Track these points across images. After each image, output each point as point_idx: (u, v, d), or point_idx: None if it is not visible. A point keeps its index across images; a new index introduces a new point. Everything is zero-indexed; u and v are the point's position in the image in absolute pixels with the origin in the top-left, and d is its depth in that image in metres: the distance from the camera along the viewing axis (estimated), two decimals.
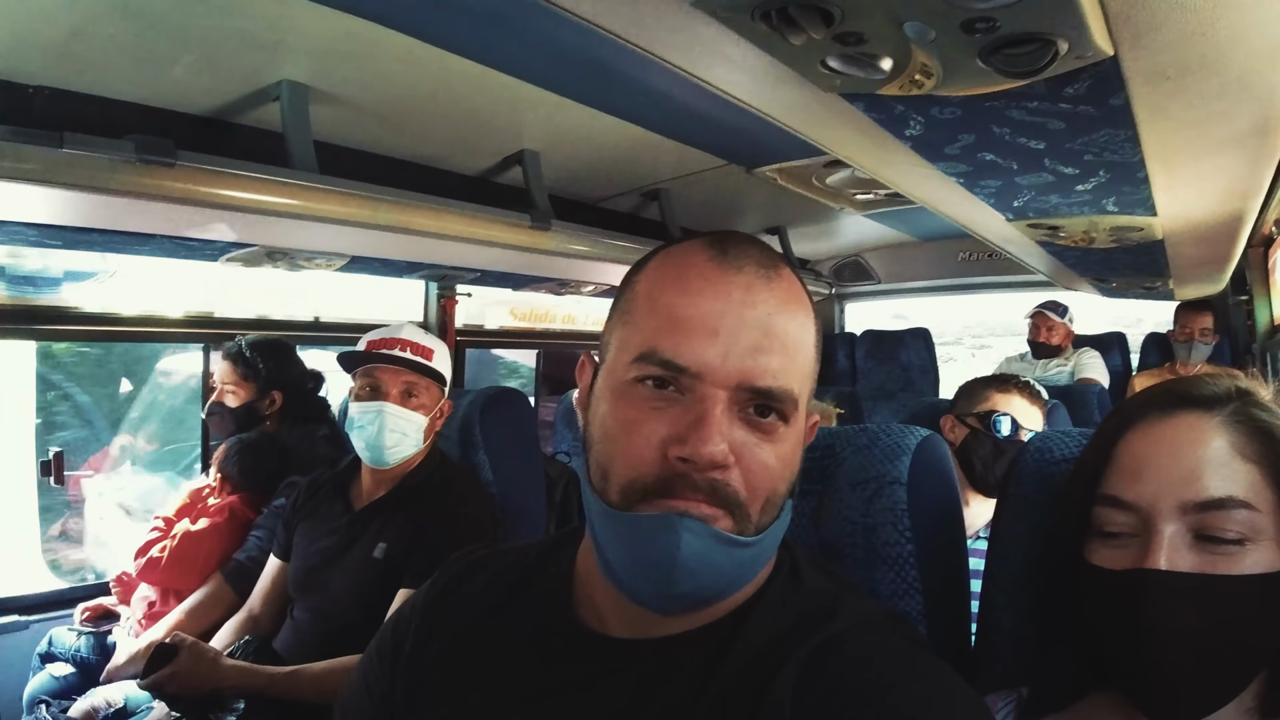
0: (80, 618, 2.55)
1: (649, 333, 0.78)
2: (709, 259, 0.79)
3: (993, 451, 2.03)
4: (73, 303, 2.80)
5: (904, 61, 1.03)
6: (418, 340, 2.06)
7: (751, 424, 0.77)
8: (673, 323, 0.76)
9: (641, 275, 0.84)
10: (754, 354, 0.75)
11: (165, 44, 1.85)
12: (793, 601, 0.83)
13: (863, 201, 3.78)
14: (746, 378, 0.75)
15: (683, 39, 1.11)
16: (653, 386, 0.76)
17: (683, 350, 0.75)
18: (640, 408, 0.77)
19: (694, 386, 0.75)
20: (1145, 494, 0.79)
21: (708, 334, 0.75)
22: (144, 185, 1.82)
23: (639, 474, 0.75)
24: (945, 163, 1.62)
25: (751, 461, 0.76)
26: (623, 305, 0.84)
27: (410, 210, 2.36)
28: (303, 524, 2.11)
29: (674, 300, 0.78)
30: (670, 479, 0.74)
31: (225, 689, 1.76)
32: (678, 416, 0.75)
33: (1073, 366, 4.45)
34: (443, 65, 2.05)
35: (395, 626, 0.99)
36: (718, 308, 0.76)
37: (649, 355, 0.76)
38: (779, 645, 0.78)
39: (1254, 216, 2.23)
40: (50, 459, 2.94)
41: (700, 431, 0.73)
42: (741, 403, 0.76)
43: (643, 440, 0.76)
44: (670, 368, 0.75)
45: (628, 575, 0.78)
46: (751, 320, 0.76)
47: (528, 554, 0.99)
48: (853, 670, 0.74)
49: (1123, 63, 1.02)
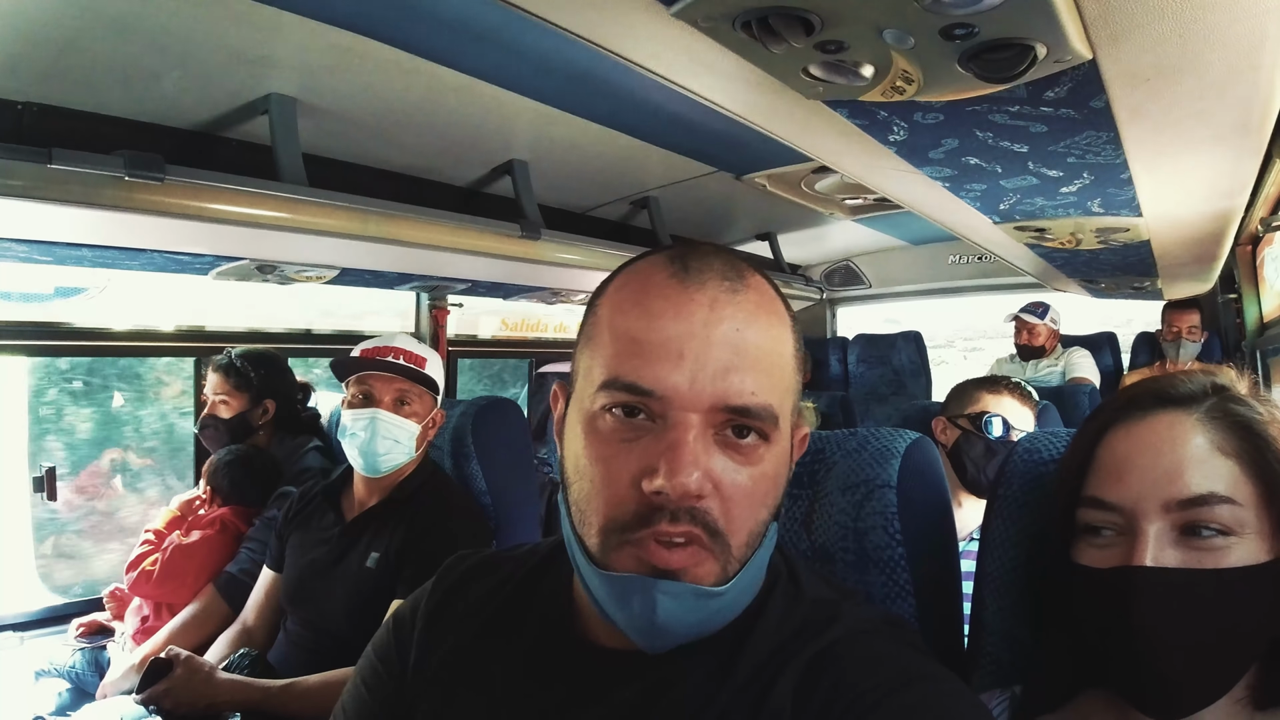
0: (75, 634, 2.54)
1: (612, 359, 0.74)
2: (669, 276, 0.76)
3: (984, 453, 2.04)
4: (63, 317, 2.80)
5: (885, 68, 1.04)
6: (410, 349, 2.06)
7: (730, 446, 0.74)
8: (635, 347, 0.73)
9: (603, 299, 0.80)
10: (725, 374, 0.72)
11: (153, 59, 1.86)
12: (794, 610, 0.82)
13: (852, 207, 3.80)
14: (719, 399, 0.72)
15: (666, 49, 1.12)
16: (622, 415, 0.74)
17: (645, 375, 0.72)
18: (611, 441, 0.74)
19: (664, 413, 0.72)
20: (1128, 494, 0.79)
21: (673, 357, 0.72)
22: (133, 200, 1.83)
23: (616, 513, 0.73)
24: (930, 167, 1.63)
25: (732, 490, 0.73)
26: (588, 330, 0.81)
27: (400, 222, 2.36)
28: (294, 535, 2.10)
29: (635, 324, 0.74)
30: (647, 514, 0.71)
31: (221, 703, 1.76)
32: (649, 447, 0.72)
33: (1063, 366, 4.46)
34: (431, 77, 2.05)
35: (396, 630, 0.97)
36: (681, 329, 0.73)
37: (613, 382, 0.73)
38: (779, 653, 0.77)
39: (1240, 215, 2.24)
40: (43, 474, 2.93)
41: (672, 462, 0.70)
42: (717, 425, 0.73)
43: (615, 477, 0.73)
44: (635, 392, 0.72)
45: (612, 616, 0.76)
46: (719, 339, 0.73)
47: (526, 561, 0.98)
48: (853, 676, 0.74)
49: (1101, 66, 1.03)
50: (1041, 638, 0.96)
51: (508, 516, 2.18)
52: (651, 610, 0.72)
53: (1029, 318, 4.53)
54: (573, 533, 0.78)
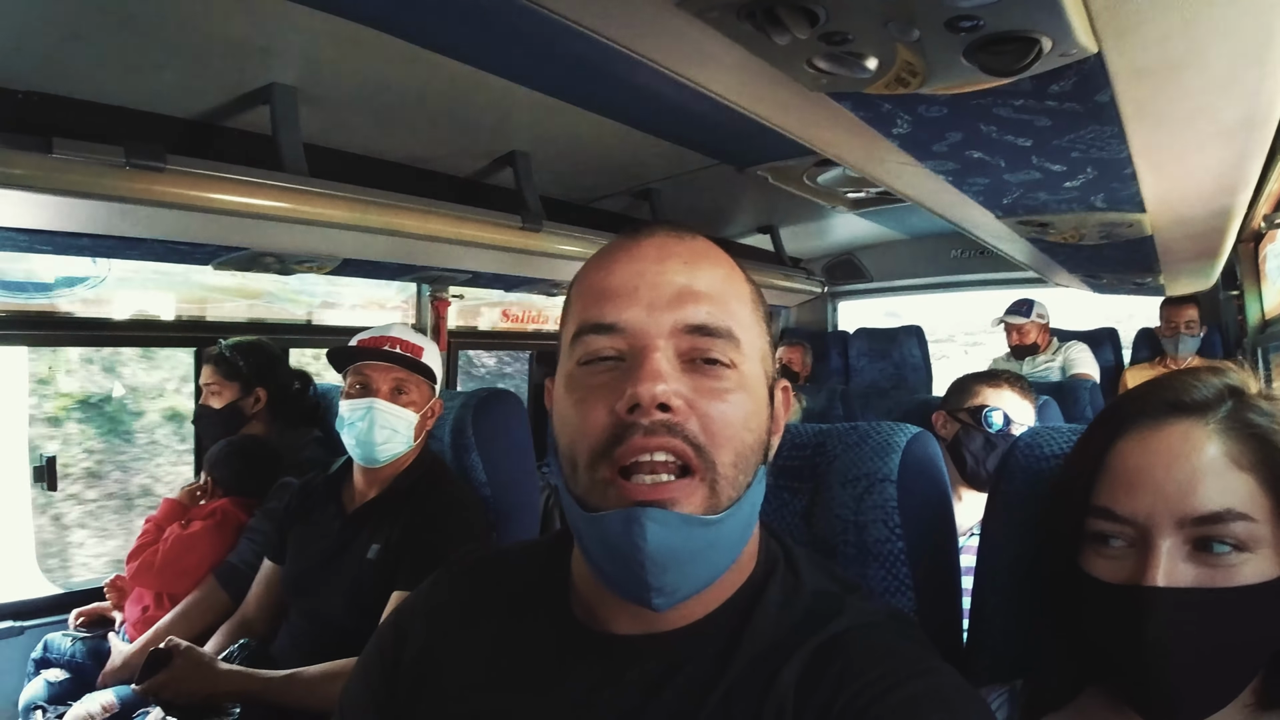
0: (75, 622, 2.55)
1: (579, 313, 0.81)
2: (623, 240, 0.84)
3: (984, 446, 2.04)
4: (65, 307, 2.80)
5: (889, 60, 1.03)
6: (407, 338, 2.06)
7: (698, 372, 0.77)
8: (595, 294, 0.80)
9: (574, 284, 0.88)
10: (679, 299, 0.78)
11: (154, 49, 1.85)
12: (795, 600, 0.83)
13: (854, 200, 3.78)
14: (677, 321, 0.77)
15: (669, 39, 1.11)
16: (597, 362, 0.78)
17: (607, 312, 0.78)
18: (587, 384, 0.78)
19: (630, 344, 0.77)
20: (1141, 508, 0.78)
21: (629, 292, 0.78)
22: (134, 190, 1.82)
23: (595, 443, 0.75)
24: (934, 160, 1.63)
25: (708, 409, 0.76)
26: (564, 315, 0.87)
27: (401, 212, 2.36)
28: (296, 527, 2.10)
29: (594, 280, 0.82)
30: (621, 433, 0.74)
31: (221, 694, 1.76)
32: (621, 379, 0.76)
33: (1062, 361, 4.46)
34: (432, 67, 2.05)
35: (397, 627, 0.97)
36: (634, 268, 0.80)
37: (581, 328, 0.79)
38: (782, 644, 0.78)
39: (1243, 211, 2.24)
40: (44, 464, 2.93)
41: (639, 373, 0.74)
42: (683, 352, 0.77)
43: (593, 411, 0.76)
44: (600, 329, 0.78)
45: (610, 574, 0.78)
46: (669, 270, 0.79)
47: (527, 556, 0.98)
48: (856, 669, 0.74)
49: (1107, 60, 1.02)
50: (1046, 634, 0.95)
51: (508, 508, 2.18)
52: (641, 539, 0.72)
53: (1015, 319, 4.54)
54: (565, 489, 0.80)
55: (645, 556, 0.72)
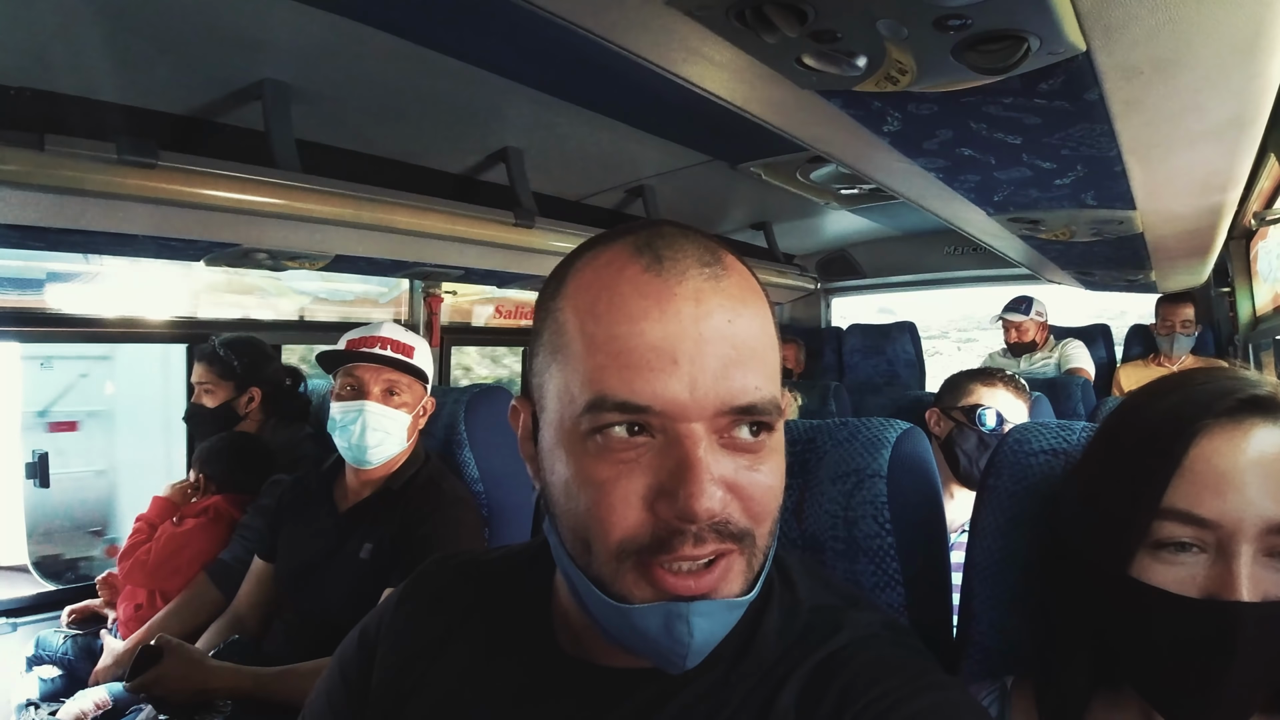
0: (67, 620, 2.55)
1: (594, 373, 0.66)
2: (643, 270, 0.67)
3: (977, 445, 2.04)
4: (56, 304, 2.80)
5: (879, 58, 1.03)
6: (398, 338, 2.04)
7: (738, 449, 0.67)
8: (619, 358, 0.65)
9: (564, 299, 0.71)
10: (725, 374, 0.65)
11: (146, 44, 1.85)
12: (793, 619, 0.79)
13: (847, 196, 3.79)
14: (724, 403, 0.65)
15: (661, 37, 1.11)
16: (616, 433, 0.65)
17: (640, 389, 0.64)
18: (610, 462, 0.66)
19: (666, 426, 0.65)
20: (1229, 512, 0.72)
21: (667, 364, 0.64)
22: (126, 186, 1.82)
23: (629, 537, 0.65)
24: (924, 158, 1.63)
25: (752, 489, 0.67)
26: (549, 338, 0.72)
27: (394, 209, 2.36)
28: (288, 525, 2.10)
29: (614, 330, 0.66)
30: (666, 538, 0.64)
31: (212, 690, 1.76)
32: (656, 465, 0.65)
33: (1058, 358, 4.47)
34: (425, 63, 2.04)
35: (361, 645, 0.92)
36: (670, 330, 0.64)
37: (600, 403, 0.65)
38: (782, 661, 0.75)
39: (1234, 208, 2.25)
40: (36, 460, 2.93)
41: (689, 485, 0.63)
42: (722, 429, 0.66)
43: (622, 500, 0.65)
44: (630, 410, 0.64)
45: (631, 647, 0.70)
46: (711, 334, 0.65)
47: (506, 568, 0.92)
48: (859, 685, 0.71)
49: (1095, 58, 1.03)
50: (1046, 642, 0.91)
51: (501, 505, 2.18)
52: (687, 636, 0.66)
53: (1014, 316, 4.54)
54: (570, 560, 0.71)
55: (688, 649, 0.67)
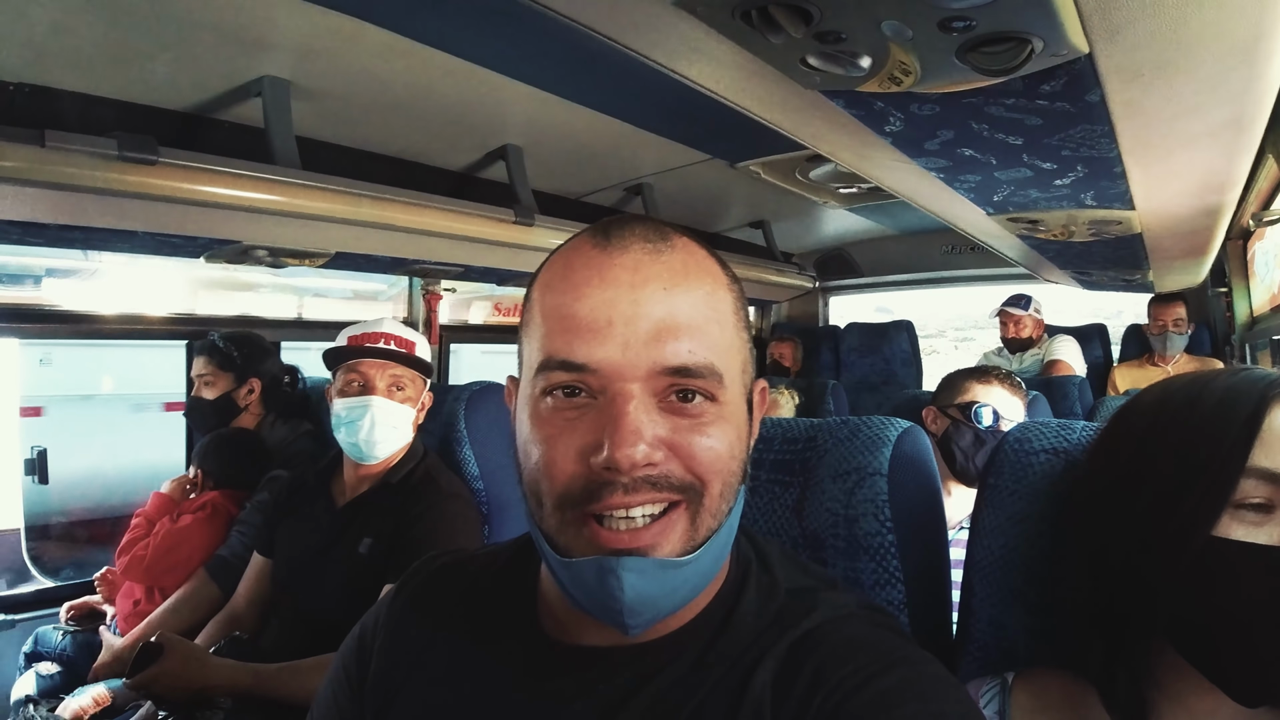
0: (66, 616, 2.55)
1: (545, 339, 0.73)
2: (592, 247, 0.74)
3: (974, 442, 2.05)
4: (55, 300, 2.80)
5: (882, 59, 1.04)
6: (399, 333, 2.04)
7: (677, 412, 0.72)
8: (564, 323, 0.72)
9: (536, 283, 0.79)
10: (657, 337, 0.70)
11: (146, 41, 1.85)
12: (770, 601, 0.81)
13: (846, 195, 3.79)
14: (656, 363, 0.70)
15: (664, 36, 1.12)
16: (562, 396, 0.72)
17: (578, 349, 0.70)
18: (555, 421, 0.72)
19: (603, 387, 0.70)
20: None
21: (601, 327, 0.70)
22: (126, 182, 1.82)
23: (564, 488, 0.71)
24: (925, 158, 1.64)
25: (691, 447, 0.71)
26: (525, 319, 0.79)
27: (393, 206, 2.36)
28: (286, 521, 2.10)
29: (562, 300, 0.73)
30: (596, 488, 0.70)
31: (211, 686, 1.76)
32: (592, 422, 0.70)
33: (1043, 353, 4.47)
34: (425, 60, 2.04)
35: (360, 641, 0.96)
36: (606, 296, 0.71)
37: (547, 363, 0.72)
38: (757, 643, 0.76)
39: (1231, 210, 2.26)
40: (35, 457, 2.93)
41: (615, 434, 0.68)
42: (660, 392, 0.71)
43: (562, 454, 0.71)
44: (570, 368, 0.71)
45: (585, 606, 0.74)
46: (646, 300, 0.71)
47: (493, 562, 0.95)
48: (832, 664, 0.73)
49: (1097, 60, 1.03)
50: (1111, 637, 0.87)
51: (500, 501, 2.18)
52: (619, 590, 0.70)
53: (1014, 310, 4.54)
54: (531, 521, 0.77)
55: (622, 604, 0.70)
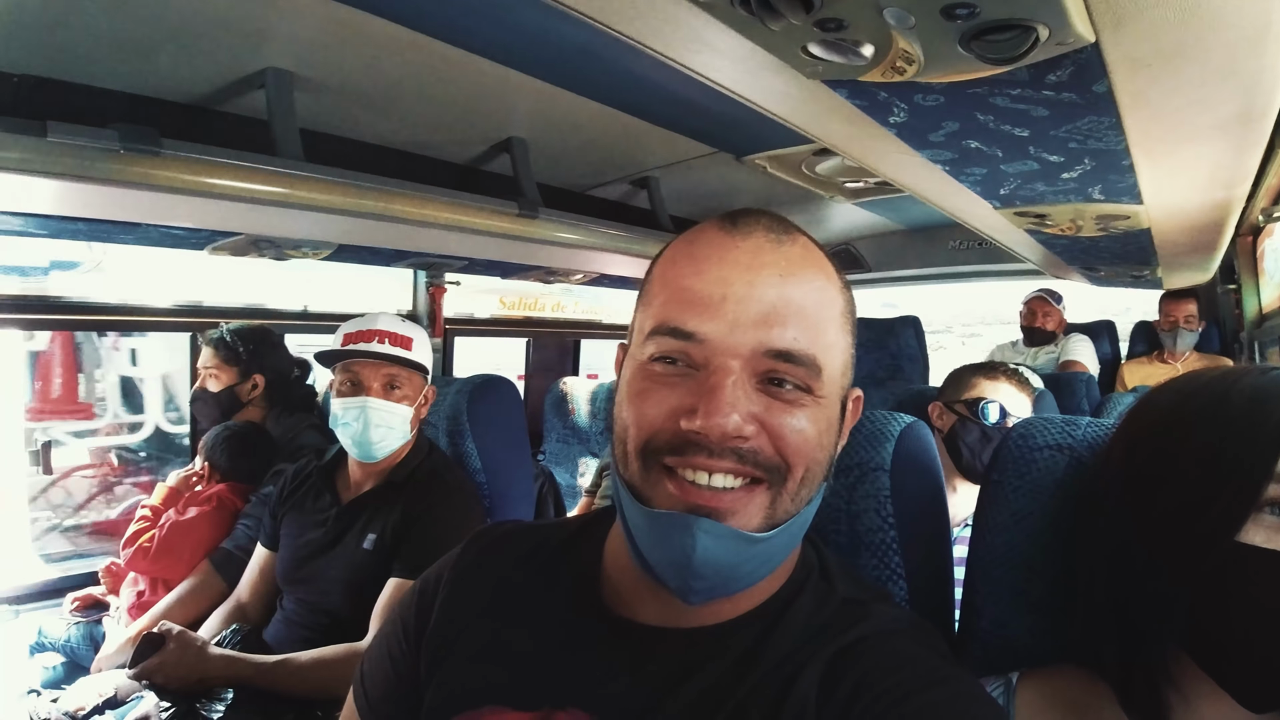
0: (70, 607, 2.55)
1: (660, 308, 0.77)
2: (718, 230, 0.80)
3: (979, 438, 2.04)
4: (59, 291, 2.80)
5: (885, 47, 1.02)
6: (395, 330, 2.04)
7: (772, 395, 0.75)
8: (681, 294, 0.76)
9: (659, 261, 0.84)
10: (765, 320, 0.74)
11: (149, 32, 1.84)
12: (823, 606, 0.83)
13: (853, 190, 3.78)
14: (760, 344, 0.74)
15: (665, 25, 1.11)
16: (667, 364, 0.76)
17: (689, 319, 0.74)
18: (655, 382, 0.76)
19: (706, 360, 0.74)
20: None
21: (715, 302, 0.74)
22: (129, 174, 1.82)
23: (651, 437, 0.75)
24: (930, 150, 1.62)
25: (781, 428, 0.75)
26: (643, 294, 0.84)
27: (397, 198, 2.35)
28: (290, 515, 2.11)
29: (682, 273, 0.78)
30: (681, 444, 0.73)
31: (213, 678, 1.77)
32: (691, 389, 0.74)
33: (1060, 351, 4.45)
34: (429, 52, 2.03)
35: (421, 596, 0.98)
36: (724, 274, 0.75)
37: (659, 328, 0.76)
38: (805, 646, 0.78)
39: (1241, 205, 2.24)
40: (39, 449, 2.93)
41: (710, 403, 0.72)
42: (760, 374, 0.75)
43: (654, 407, 0.75)
44: (679, 335, 0.75)
45: (652, 560, 0.77)
46: (761, 283, 0.75)
47: (558, 533, 0.99)
48: (876, 674, 0.74)
49: (1104, 50, 1.02)
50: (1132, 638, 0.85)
51: (503, 495, 2.19)
52: (690, 549, 0.73)
53: (1050, 300, 4.52)
54: (619, 475, 0.80)
55: (691, 564, 0.73)
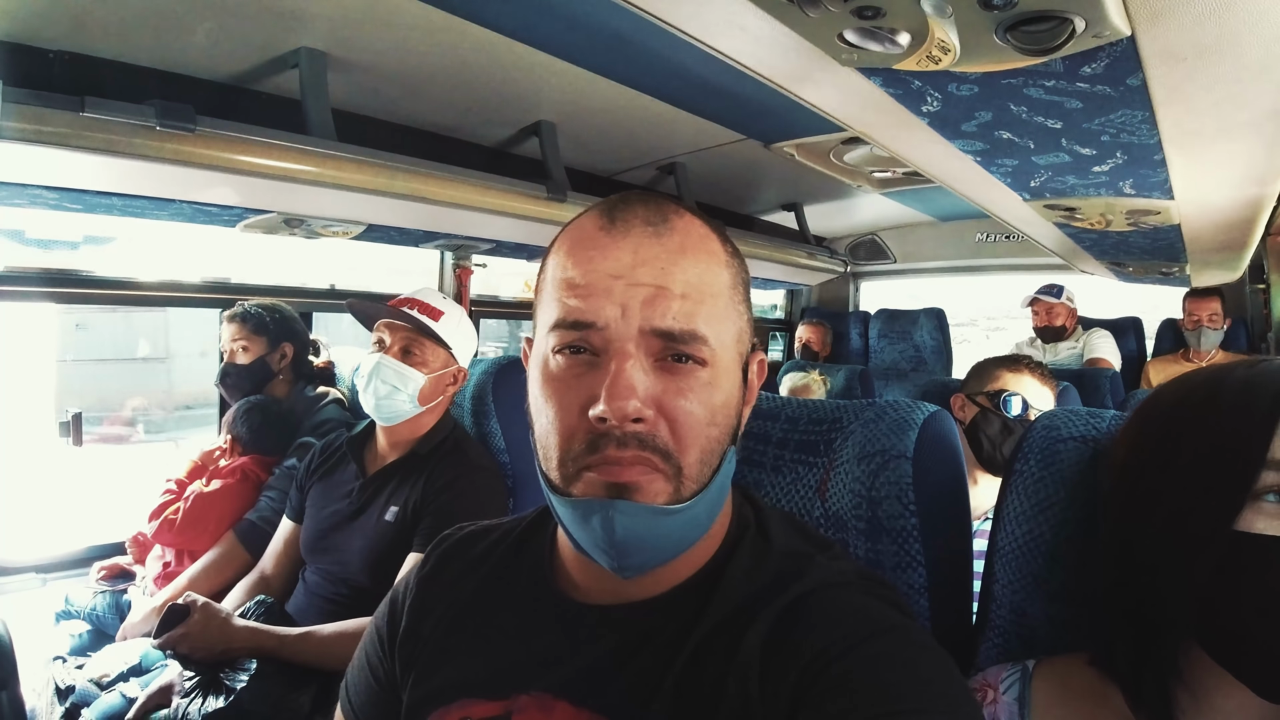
0: (96, 576, 2.59)
1: (555, 305, 0.81)
2: (598, 228, 0.82)
3: (1001, 430, 2.03)
4: (90, 266, 2.83)
5: (921, 36, 1.02)
6: (427, 300, 2.07)
7: (669, 371, 0.79)
8: (572, 289, 0.80)
9: (548, 258, 0.87)
10: (652, 303, 0.77)
11: (185, 10, 1.86)
12: (763, 564, 0.85)
13: (880, 180, 3.76)
14: (649, 322, 0.77)
15: (700, 9, 1.11)
16: (569, 354, 0.80)
17: (585, 310, 0.78)
18: (561, 379, 0.80)
19: (604, 346, 0.78)
20: None
21: (604, 294, 0.78)
22: (164, 150, 1.84)
23: (569, 443, 0.79)
24: (962, 140, 1.62)
25: (676, 412, 0.78)
26: (540, 290, 0.88)
27: (427, 179, 2.37)
28: (316, 487, 2.13)
29: (571, 273, 0.81)
30: (596, 441, 0.77)
31: (236, 649, 1.79)
32: (593, 379, 0.77)
33: (1082, 347, 4.42)
34: (462, 35, 2.04)
35: (391, 603, 1.04)
36: (610, 269, 0.79)
37: (559, 323, 0.79)
38: (749, 607, 0.80)
39: (1271, 203, 2.22)
40: (69, 420, 2.96)
41: (611, 388, 0.75)
42: (655, 353, 0.78)
43: (565, 410, 0.79)
44: (578, 327, 0.78)
45: (585, 545, 0.81)
46: (646, 278, 0.78)
47: (513, 529, 1.03)
48: (820, 629, 0.76)
49: (1140, 43, 1.01)
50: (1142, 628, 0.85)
51: (525, 475, 2.19)
52: (611, 530, 0.76)
53: (1046, 297, 4.50)
54: (540, 470, 0.84)
55: (615, 542, 0.77)
